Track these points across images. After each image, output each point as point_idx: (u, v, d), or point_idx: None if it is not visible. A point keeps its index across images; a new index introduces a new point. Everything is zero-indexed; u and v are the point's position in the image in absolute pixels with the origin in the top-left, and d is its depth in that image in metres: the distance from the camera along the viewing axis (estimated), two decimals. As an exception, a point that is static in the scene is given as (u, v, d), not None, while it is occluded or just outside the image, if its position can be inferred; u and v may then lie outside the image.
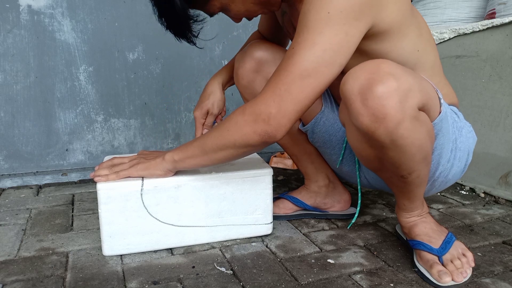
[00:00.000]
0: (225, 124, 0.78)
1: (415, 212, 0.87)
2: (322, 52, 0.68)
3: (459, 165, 0.88)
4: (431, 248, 0.83)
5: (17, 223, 1.08)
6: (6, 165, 1.42)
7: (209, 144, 0.80)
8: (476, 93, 1.35)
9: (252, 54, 0.98)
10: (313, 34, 0.68)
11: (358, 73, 0.66)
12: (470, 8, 1.58)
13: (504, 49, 1.26)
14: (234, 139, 0.76)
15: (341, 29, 0.68)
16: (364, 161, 0.81)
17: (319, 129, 1.01)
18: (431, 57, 0.86)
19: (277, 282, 0.80)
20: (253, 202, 0.97)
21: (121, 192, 0.86)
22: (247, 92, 1.02)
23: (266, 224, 0.99)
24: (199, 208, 0.93)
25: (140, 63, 1.54)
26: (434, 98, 0.75)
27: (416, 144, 0.70)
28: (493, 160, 1.30)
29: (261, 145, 0.76)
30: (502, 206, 1.23)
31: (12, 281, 0.80)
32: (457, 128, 0.86)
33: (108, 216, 0.87)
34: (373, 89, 0.64)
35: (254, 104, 0.74)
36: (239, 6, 0.80)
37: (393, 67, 0.65)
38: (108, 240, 0.88)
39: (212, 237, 0.96)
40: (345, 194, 1.13)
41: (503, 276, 0.83)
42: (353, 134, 0.75)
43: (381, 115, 0.64)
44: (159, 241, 0.91)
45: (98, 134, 1.53)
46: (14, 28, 1.36)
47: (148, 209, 0.88)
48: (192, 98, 1.65)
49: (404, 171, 0.75)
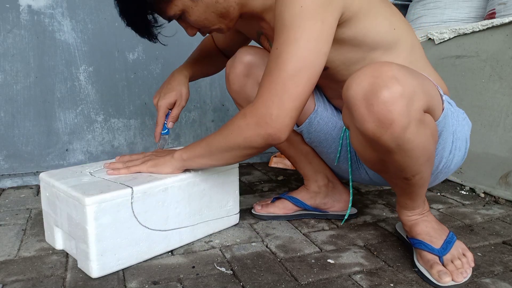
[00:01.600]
0: (228, 127, 0.79)
1: (417, 211, 0.87)
2: (305, 44, 0.71)
3: (459, 154, 0.89)
4: (432, 248, 0.83)
5: (17, 223, 1.08)
6: (6, 165, 1.42)
7: (214, 145, 0.82)
8: (476, 93, 1.35)
9: (241, 59, 0.98)
10: (292, 30, 0.71)
11: (361, 77, 0.66)
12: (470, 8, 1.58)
13: (504, 49, 1.26)
14: (238, 142, 0.78)
15: (317, 19, 0.70)
16: (367, 163, 0.81)
17: (314, 129, 1.01)
18: (409, 36, 0.87)
19: (277, 282, 0.80)
20: (226, 195, 1.02)
21: (112, 203, 0.79)
22: (240, 97, 1.02)
23: (235, 215, 1.06)
24: (183, 209, 0.92)
25: (140, 63, 1.54)
26: (437, 96, 0.75)
27: (421, 147, 0.70)
28: (493, 160, 1.30)
29: (265, 147, 0.78)
30: (502, 206, 1.23)
31: (12, 281, 0.80)
32: (455, 119, 0.87)
33: (99, 232, 0.78)
34: (378, 95, 0.63)
35: (254, 108, 0.75)
36: (200, 12, 0.81)
37: (395, 69, 0.65)
38: (99, 259, 0.79)
39: (194, 236, 0.96)
40: (345, 193, 1.13)
41: (503, 276, 0.83)
42: (357, 139, 0.75)
43: (388, 121, 0.64)
44: (147, 250, 0.87)
45: (98, 134, 1.53)
46: (14, 28, 1.36)
47: (137, 217, 0.84)
48: (192, 98, 1.65)
49: (408, 173, 0.75)
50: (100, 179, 0.88)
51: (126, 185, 0.83)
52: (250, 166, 1.72)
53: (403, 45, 0.85)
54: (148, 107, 1.58)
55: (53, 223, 0.90)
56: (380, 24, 0.81)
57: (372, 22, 0.80)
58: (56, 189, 0.86)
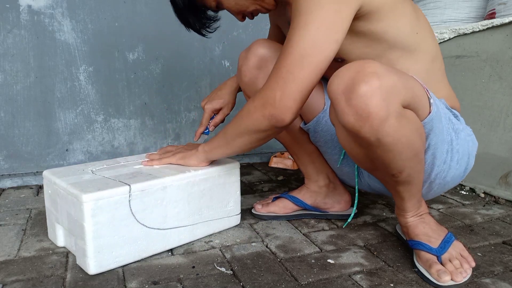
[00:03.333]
0: (240, 113, 0.84)
1: (411, 212, 0.87)
2: (316, 30, 0.72)
3: (457, 167, 0.88)
4: (430, 248, 0.83)
5: (17, 223, 1.08)
6: (6, 165, 1.42)
7: (229, 132, 0.87)
8: (476, 93, 1.35)
9: (255, 51, 0.99)
10: (305, 15, 0.73)
11: (343, 72, 0.68)
12: (470, 8, 1.57)
13: (504, 49, 1.26)
14: (247, 125, 0.82)
15: (331, 8, 0.72)
16: (356, 161, 0.81)
17: (321, 128, 1.01)
18: (432, 47, 0.87)
19: (277, 282, 0.80)
20: (227, 196, 1.02)
21: (109, 201, 0.80)
22: (250, 89, 1.02)
23: (236, 215, 1.05)
24: (182, 208, 0.92)
25: (140, 63, 1.54)
26: (422, 96, 0.74)
27: (403, 141, 0.70)
28: (493, 160, 1.30)
29: (271, 129, 0.80)
30: (502, 206, 1.23)
31: (12, 281, 0.80)
32: (453, 130, 0.86)
33: (96, 229, 0.79)
34: (356, 88, 0.65)
35: (262, 91, 0.79)
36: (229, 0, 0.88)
37: (377, 67, 0.66)
38: (96, 256, 0.80)
39: (193, 236, 0.96)
40: (345, 194, 1.13)
41: (503, 276, 0.83)
42: (342, 134, 0.76)
43: (365, 113, 0.65)
44: (145, 249, 0.87)
45: (98, 134, 1.53)
46: (14, 28, 1.36)
47: (135, 215, 0.84)
48: (192, 98, 1.65)
49: (393, 169, 0.75)
50: (101, 177, 0.88)
51: (124, 182, 0.84)
52: (250, 166, 1.72)
53: (424, 52, 0.85)
54: (148, 107, 1.58)
55: (55, 220, 0.91)
56: (403, 25, 0.82)
57: (393, 23, 0.81)
58: (57, 186, 0.86)
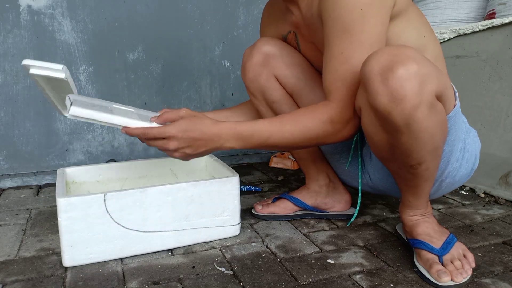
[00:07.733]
0: (301, 122, 0.81)
1: (419, 211, 0.87)
2: (369, 47, 0.74)
3: (466, 167, 0.89)
4: (432, 248, 0.83)
5: (17, 223, 1.08)
6: (6, 165, 1.42)
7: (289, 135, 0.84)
8: (476, 93, 1.35)
9: (260, 49, 0.99)
10: (356, 35, 0.74)
11: (380, 54, 0.68)
12: (470, 9, 1.57)
13: (504, 49, 1.26)
14: (316, 134, 0.81)
15: (377, 20, 0.74)
16: (375, 148, 0.81)
17: None
18: (435, 47, 0.88)
19: (277, 282, 0.80)
20: (221, 204, 0.96)
21: (82, 199, 0.82)
22: (253, 86, 1.02)
23: (234, 225, 0.99)
24: (166, 212, 0.90)
25: (140, 63, 1.54)
26: (450, 89, 0.76)
27: (429, 131, 0.70)
28: (493, 160, 1.30)
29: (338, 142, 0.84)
30: (502, 206, 1.23)
31: (12, 281, 0.80)
32: (465, 129, 0.88)
33: (68, 224, 0.82)
34: (394, 70, 0.65)
35: (331, 109, 0.79)
36: None
37: (414, 52, 0.67)
38: (69, 250, 0.83)
39: (180, 242, 0.93)
40: (345, 194, 1.13)
41: (503, 276, 0.83)
42: (368, 118, 0.75)
43: (400, 95, 0.66)
44: (123, 249, 0.88)
45: (98, 134, 1.53)
46: (14, 28, 1.36)
47: (111, 215, 0.84)
48: (192, 98, 1.65)
49: (413, 160, 0.75)
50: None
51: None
52: (250, 166, 1.72)
53: (428, 54, 0.86)
54: (148, 107, 1.58)
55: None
56: (412, 31, 0.83)
57: (405, 27, 0.82)
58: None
